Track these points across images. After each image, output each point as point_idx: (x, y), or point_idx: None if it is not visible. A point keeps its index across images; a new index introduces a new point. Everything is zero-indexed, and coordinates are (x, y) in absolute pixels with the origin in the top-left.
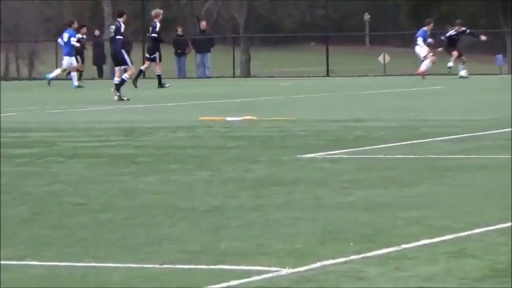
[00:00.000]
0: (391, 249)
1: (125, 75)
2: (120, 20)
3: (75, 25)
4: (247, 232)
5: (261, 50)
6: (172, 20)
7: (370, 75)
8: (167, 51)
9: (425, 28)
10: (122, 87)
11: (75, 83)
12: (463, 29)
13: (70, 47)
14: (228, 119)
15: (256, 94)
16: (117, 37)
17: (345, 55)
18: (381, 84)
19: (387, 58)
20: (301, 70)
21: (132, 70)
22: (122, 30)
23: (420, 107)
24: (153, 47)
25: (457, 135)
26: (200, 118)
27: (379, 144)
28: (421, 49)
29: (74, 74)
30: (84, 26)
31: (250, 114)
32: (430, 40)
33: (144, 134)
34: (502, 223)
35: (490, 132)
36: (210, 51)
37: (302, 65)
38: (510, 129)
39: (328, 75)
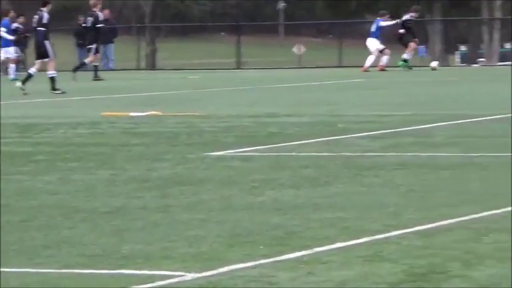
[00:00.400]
0: (304, 252)
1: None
2: (44, 9)
3: (12, 14)
4: (151, 235)
5: (168, 41)
6: (73, 8)
7: (284, 68)
8: (67, 42)
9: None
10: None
11: (12, 75)
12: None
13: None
14: (132, 114)
15: (162, 88)
16: (39, 28)
17: (257, 46)
18: (296, 77)
19: (302, 49)
20: (211, 62)
21: (51, 63)
22: (45, 20)
23: (337, 101)
24: (92, 37)
25: (374, 131)
26: (102, 113)
27: (293, 141)
28: (373, 42)
29: (12, 66)
30: (22, 15)
31: (156, 109)
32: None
33: (42, 131)
34: (420, 225)
35: (410, 128)
36: (113, 42)
37: (212, 56)
38: (430, 125)
39: (239, 67)
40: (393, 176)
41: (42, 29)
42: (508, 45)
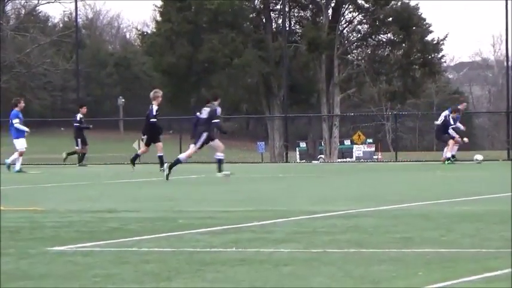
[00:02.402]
0: None
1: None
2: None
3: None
4: None
5: (6, 136)
6: None
7: (125, 163)
8: None
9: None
10: None
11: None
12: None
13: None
14: None
15: (4, 182)
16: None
17: (99, 141)
18: (137, 173)
19: (142, 144)
20: (50, 157)
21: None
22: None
23: (177, 197)
24: None
25: (216, 227)
26: None
27: (134, 237)
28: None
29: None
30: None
31: None
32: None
33: None
34: None
35: (251, 224)
36: None
37: (52, 151)
38: (270, 221)
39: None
40: (235, 271)
41: None
42: (347, 142)
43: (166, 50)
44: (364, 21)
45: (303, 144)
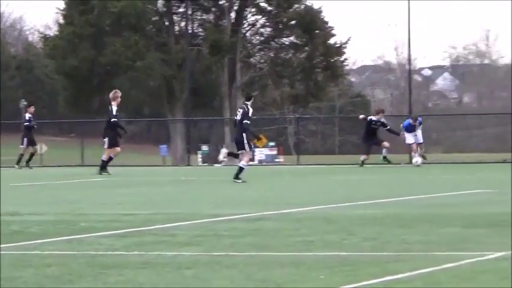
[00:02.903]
0: None
1: None
2: None
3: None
4: None
5: None
6: None
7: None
8: None
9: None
10: None
11: None
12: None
13: None
14: None
15: None
16: None
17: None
18: (38, 176)
19: (44, 148)
20: None
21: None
22: None
23: (79, 200)
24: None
25: (118, 230)
26: None
27: (36, 240)
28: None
29: None
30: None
31: None
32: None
33: None
34: None
35: (153, 227)
36: None
37: None
38: (172, 224)
39: None
40: (137, 275)
41: None
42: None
43: (69, 53)
44: (267, 24)
45: (205, 148)
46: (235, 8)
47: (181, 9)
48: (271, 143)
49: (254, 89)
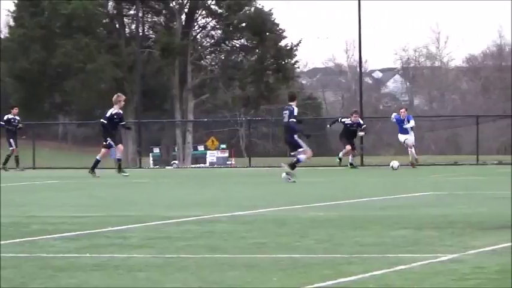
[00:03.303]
0: None
1: None
2: None
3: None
4: None
5: None
6: None
7: None
8: None
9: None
10: None
11: None
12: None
13: None
14: None
15: None
16: None
17: None
18: None
19: None
20: None
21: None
22: None
23: (30, 202)
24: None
25: (70, 232)
26: None
27: None
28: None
29: None
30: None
31: None
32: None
33: None
34: None
35: (105, 229)
36: None
37: None
38: (124, 226)
39: None
40: (89, 277)
41: None
42: (201, 148)
43: (20, 55)
44: (218, 26)
45: (156, 150)
46: (186, 10)
47: (132, 12)
48: (223, 146)
49: (205, 91)
